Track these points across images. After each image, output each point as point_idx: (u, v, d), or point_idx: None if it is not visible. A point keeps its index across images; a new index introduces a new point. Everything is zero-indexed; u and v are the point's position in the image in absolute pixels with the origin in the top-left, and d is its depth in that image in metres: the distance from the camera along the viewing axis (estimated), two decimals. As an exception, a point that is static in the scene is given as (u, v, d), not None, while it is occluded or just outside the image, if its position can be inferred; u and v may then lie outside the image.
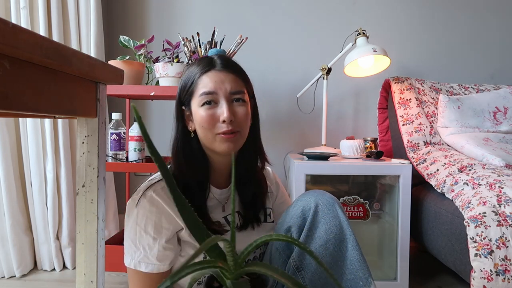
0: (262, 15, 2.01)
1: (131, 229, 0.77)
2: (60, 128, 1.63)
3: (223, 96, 0.78)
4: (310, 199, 0.81)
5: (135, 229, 0.76)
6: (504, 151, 1.45)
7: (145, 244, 0.76)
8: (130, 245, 0.77)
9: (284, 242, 0.79)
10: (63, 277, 1.61)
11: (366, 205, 1.47)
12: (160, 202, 0.77)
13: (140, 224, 0.76)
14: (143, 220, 0.76)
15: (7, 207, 1.54)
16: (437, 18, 2.04)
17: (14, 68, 0.51)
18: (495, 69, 2.06)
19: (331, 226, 0.77)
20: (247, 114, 0.81)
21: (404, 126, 1.72)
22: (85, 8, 1.70)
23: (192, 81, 0.81)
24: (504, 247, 1.00)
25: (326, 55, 1.92)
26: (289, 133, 2.00)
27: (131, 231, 0.77)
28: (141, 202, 0.77)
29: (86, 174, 0.80)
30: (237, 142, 0.79)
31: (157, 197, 0.77)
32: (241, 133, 0.80)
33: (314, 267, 0.76)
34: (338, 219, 0.78)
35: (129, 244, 0.77)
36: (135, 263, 0.76)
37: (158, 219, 0.77)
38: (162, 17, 2.03)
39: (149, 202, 0.77)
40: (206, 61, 0.82)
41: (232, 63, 0.83)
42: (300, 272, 0.77)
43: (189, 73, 0.83)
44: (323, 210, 0.78)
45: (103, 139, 0.81)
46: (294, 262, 0.78)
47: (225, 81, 0.79)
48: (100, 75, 0.73)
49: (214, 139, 0.78)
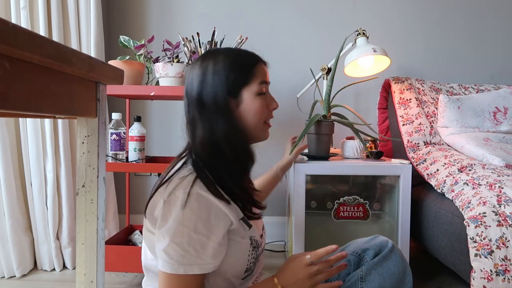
0: (262, 15, 2.01)
1: (176, 232, 0.71)
2: (60, 128, 1.63)
3: (268, 87, 0.86)
4: (389, 240, 0.95)
5: (182, 231, 0.70)
6: (504, 151, 1.45)
7: (197, 244, 0.71)
8: (176, 249, 0.70)
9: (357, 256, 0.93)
10: (63, 277, 1.61)
11: (366, 205, 1.47)
12: (209, 198, 0.73)
13: (187, 225, 0.70)
14: (192, 221, 0.71)
15: (7, 207, 1.54)
16: (437, 18, 2.04)
17: (14, 68, 0.51)
18: (495, 69, 2.06)
19: (399, 264, 0.89)
20: None
21: (404, 126, 1.72)
22: (85, 8, 1.70)
23: (248, 70, 0.81)
24: (504, 247, 1.00)
25: (326, 55, 1.92)
26: (289, 133, 2.00)
27: (175, 234, 0.71)
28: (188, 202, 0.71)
29: (86, 174, 0.80)
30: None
31: (205, 193, 0.73)
32: None
33: (375, 284, 0.86)
34: (405, 264, 0.91)
35: (173, 248, 0.71)
36: (185, 268, 0.71)
37: (208, 217, 0.72)
38: (162, 17, 2.03)
39: (196, 201, 0.72)
40: (252, 53, 0.86)
41: None
42: (362, 283, 0.87)
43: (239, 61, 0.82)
44: (397, 252, 0.92)
45: (103, 139, 0.81)
46: (361, 273, 0.88)
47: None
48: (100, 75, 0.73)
49: (263, 127, 0.85)
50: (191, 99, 0.81)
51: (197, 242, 0.71)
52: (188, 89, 0.82)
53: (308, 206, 1.46)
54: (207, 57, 0.83)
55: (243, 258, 0.80)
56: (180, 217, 0.71)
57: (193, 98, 0.81)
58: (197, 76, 0.81)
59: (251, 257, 0.81)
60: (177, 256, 0.71)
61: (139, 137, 1.53)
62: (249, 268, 0.82)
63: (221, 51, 0.84)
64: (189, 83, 0.82)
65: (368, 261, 0.90)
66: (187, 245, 0.70)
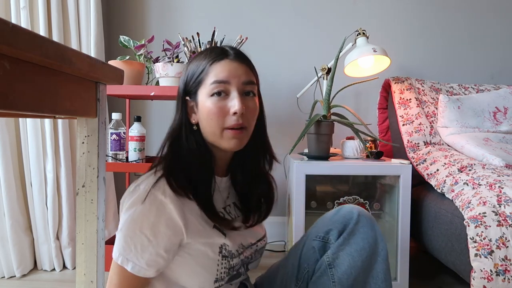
0: (262, 15, 2.01)
1: (125, 223, 0.71)
2: (60, 128, 1.63)
3: (235, 87, 0.74)
4: (353, 209, 0.85)
5: (129, 225, 0.71)
6: (504, 151, 1.45)
7: (137, 243, 0.70)
8: (121, 239, 0.71)
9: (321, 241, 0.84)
10: (63, 277, 1.61)
11: (366, 205, 1.47)
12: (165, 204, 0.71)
13: (136, 221, 0.70)
14: (140, 218, 0.70)
15: (7, 207, 1.54)
16: (437, 18, 2.04)
17: (14, 68, 0.51)
18: (495, 69, 2.06)
19: (368, 236, 0.81)
20: (256, 108, 0.79)
21: (404, 126, 1.72)
22: (85, 8, 1.70)
23: (203, 69, 0.75)
24: (504, 247, 1.00)
25: (326, 55, 1.92)
26: (289, 133, 2.00)
27: (124, 226, 0.71)
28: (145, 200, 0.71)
29: (86, 174, 0.80)
30: (243, 139, 0.77)
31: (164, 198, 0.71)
32: (248, 129, 0.77)
33: (345, 267, 0.79)
34: (375, 232, 0.82)
35: (120, 238, 0.72)
36: (122, 259, 0.71)
37: (157, 221, 0.70)
38: (162, 17, 2.03)
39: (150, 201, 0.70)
40: (219, 50, 0.78)
41: (244, 54, 0.81)
42: (331, 269, 0.80)
43: (198, 62, 0.78)
44: (363, 221, 0.83)
45: (103, 139, 0.81)
46: (327, 259, 0.81)
47: (238, 70, 0.76)
48: (100, 75, 0.73)
49: (221, 134, 0.74)
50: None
51: (138, 241, 0.70)
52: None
53: (308, 206, 1.46)
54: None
55: (211, 267, 0.76)
56: (133, 211, 0.71)
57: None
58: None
59: (221, 267, 0.76)
60: (120, 246, 0.72)
61: (139, 137, 1.53)
62: (220, 278, 0.77)
63: (207, 49, 0.82)
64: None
65: (334, 243, 0.81)
66: (130, 239, 0.71)
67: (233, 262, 0.79)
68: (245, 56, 0.80)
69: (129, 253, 0.71)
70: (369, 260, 0.80)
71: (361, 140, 1.46)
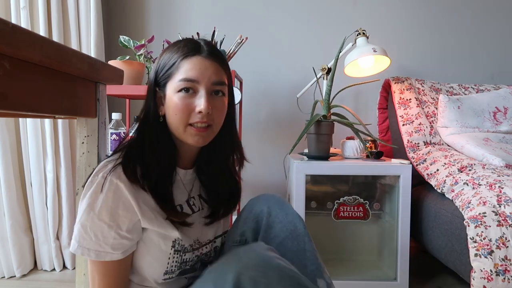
0: (262, 15, 2.01)
1: (84, 214, 0.70)
2: (60, 128, 1.63)
3: (203, 86, 0.73)
4: (261, 201, 0.83)
5: (88, 214, 0.70)
6: (504, 151, 1.45)
7: (98, 231, 0.70)
8: (80, 230, 0.70)
9: (239, 245, 0.80)
10: (63, 277, 1.61)
11: (366, 205, 1.47)
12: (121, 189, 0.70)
13: (94, 210, 0.69)
14: (98, 206, 0.69)
15: (7, 207, 1.54)
16: (437, 18, 2.04)
17: (14, 68, 0.51)
18: (495, 69, 2.06)
19: (286, 223, 0.80)
20: (224, 108, 0.78)
21: (404, 126, 1.72)
22: (85, 8, 1.70)
23: (173, 63, 0.74)
24: (504, 247, 1.00)
25: (326, 55, 1.92)
26: (289, 133, 2.00)
27: (83, 216, 0.70)
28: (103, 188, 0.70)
29: (86, 174, 0.80)
30: (207, 137, 0.76)
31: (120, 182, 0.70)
32: (213, 128, 0.77)
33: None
34: (290, 216, 0.80)
35: (77, 228, 0.70)
36: (82, 250, 0.70)
37: (115, 206, 0.70)
38: (162, 17, 2.03)
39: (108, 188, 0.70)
40: (192, 44, 0.76)
41: (218, 52, 0.78)
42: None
43: (171, 54, 0.76)
44: (275, 210, 0.81)
45: (103, 139, 0.81)
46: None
47: (209, 69, 0.74)
48: (100, 75, 0.74)
49: (185, 130, 0.74)
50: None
51: (98, 229, 0.70)
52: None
53: (308, 206, 1.46)
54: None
55: (162, 259, 0.76)
56: (91, 200, 0.70)
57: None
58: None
59: (172, 260, 0.77)
60: (79, 236, 0.71)
61: (139, 137, 1.53)
62: (170, 271, 0.77)
63: (181, 40, 0.79)
64: None
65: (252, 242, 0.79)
66: (89, 229, 0.70)
67: (186, 257, 0.78)
68: (219, 53, 0.78)
69: (90, 242, 0.70)
70: (296, 246, 0.79)
71: (361, 140, 1.46)
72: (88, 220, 0.70)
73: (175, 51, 0.76)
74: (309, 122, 1.37)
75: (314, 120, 1.37)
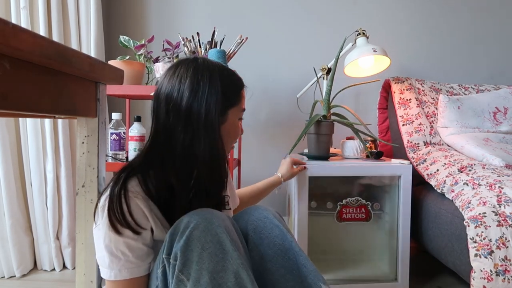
0: (262, 15, 2.01)
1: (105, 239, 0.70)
2: (60, 128, 1.63)
3: None
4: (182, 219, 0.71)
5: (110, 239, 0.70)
6: (504, 151, 1.45)
7: (125, 248, 0.70)
8: (105, 255, 0.70)
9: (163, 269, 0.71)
10: (63, 277, 1.61)
11: (368, 207, 1.47)
12: (137, 196, 0.72)
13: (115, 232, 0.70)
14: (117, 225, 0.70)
15: (7, 207, 1.54)
16: (437, 18, 2.04)
17: (14, 68, 0.51)
18: (495, 69, 2.06)
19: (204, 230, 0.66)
20: None
21: (404, 126, 1.72)
22: (85, 8, 1.70)
23: (239, 93, 0.84)
24: (504, 247, 1.00)
25: (326, 55, 1.92)
26: (289, 133, 2.00)
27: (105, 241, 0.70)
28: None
29: (86, 174, 0.80)
30: None
31: (134, 192, 0.73)
32: None
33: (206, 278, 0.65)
34: (206, 222, 0.67)
35: (103, 255, 0.70)
36: (115, 273, 0.70)
37: (136, 218, 0.71)
38: (162, 17, 2.03)
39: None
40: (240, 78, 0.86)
41: None
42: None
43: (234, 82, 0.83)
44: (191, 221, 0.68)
45: (103, 139, 0.81)
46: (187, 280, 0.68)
47: None
48: (100, 75, 0.73)
49: (229, 150, 0.86)
50: (175, 107, 0.75)
51: (125, 246, 0.70)
52: (172, 96, 0.76)
53: (308, 206, 1.45)
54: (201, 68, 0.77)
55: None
56: (106, 222, 0.70)
57: (178, 106, 0.75)
58: (190, 85, 0.75)
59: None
60: (107, 262, 0.71)
61: (139, 137, 1.53)
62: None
63: (215, 65, 0.80)
64: (174, 89, 0.76)
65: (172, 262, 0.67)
66: (115, 250, 0.70)
67: None
68: None
69: (119, 262, 0.70)
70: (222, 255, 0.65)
71: (361, 140, 1.46)
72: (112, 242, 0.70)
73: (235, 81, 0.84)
74: (309, 122, 1.37)
75: (314, 120, 1.37)
